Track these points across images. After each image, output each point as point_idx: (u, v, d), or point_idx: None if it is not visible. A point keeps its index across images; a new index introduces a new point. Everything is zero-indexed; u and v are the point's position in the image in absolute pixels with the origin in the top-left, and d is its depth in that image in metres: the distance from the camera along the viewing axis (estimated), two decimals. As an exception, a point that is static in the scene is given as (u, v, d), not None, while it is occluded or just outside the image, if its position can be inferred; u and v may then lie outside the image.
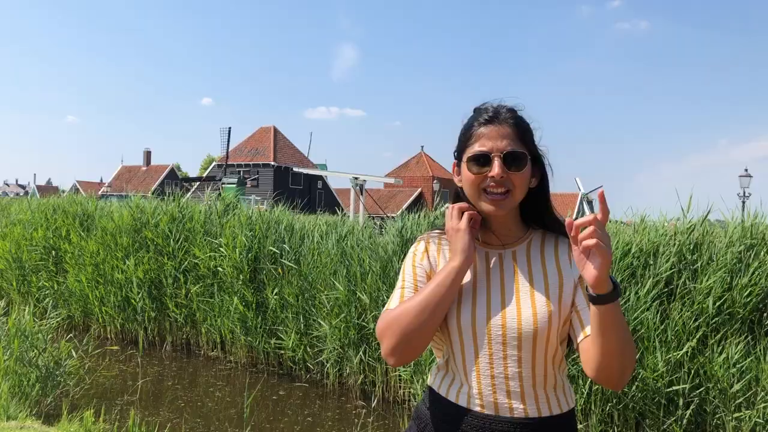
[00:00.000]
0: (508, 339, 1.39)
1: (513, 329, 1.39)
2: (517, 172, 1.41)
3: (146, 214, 9.53)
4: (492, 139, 1.42)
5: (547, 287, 1.43)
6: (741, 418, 4.91)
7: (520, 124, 1.45)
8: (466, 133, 1.48)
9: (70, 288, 9.89)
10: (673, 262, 5.56)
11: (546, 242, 1.51)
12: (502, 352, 1.40)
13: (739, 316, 5.22)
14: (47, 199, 12.09)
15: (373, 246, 7.38)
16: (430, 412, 1.50)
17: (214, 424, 6.10)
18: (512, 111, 1.46)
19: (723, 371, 4.98)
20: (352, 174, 20.60)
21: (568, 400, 1.46)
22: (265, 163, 41.76)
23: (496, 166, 1.39)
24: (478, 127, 1.45)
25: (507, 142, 1.41)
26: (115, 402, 6.55)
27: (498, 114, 1.44)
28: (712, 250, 5.58)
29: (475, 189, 1.44)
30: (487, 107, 1.47)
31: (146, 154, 55.21)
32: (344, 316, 6.99)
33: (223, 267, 8.25)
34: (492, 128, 1.43)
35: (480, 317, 1.42)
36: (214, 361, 8.45)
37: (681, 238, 5.71)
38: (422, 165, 47.26)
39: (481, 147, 1.42)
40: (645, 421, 5.28)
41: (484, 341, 1.41)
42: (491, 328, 1.40)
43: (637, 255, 5.70)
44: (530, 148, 1.45)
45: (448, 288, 1.39)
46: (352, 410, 6.75)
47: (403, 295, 1.48)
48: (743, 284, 5.21)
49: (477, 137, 1.44)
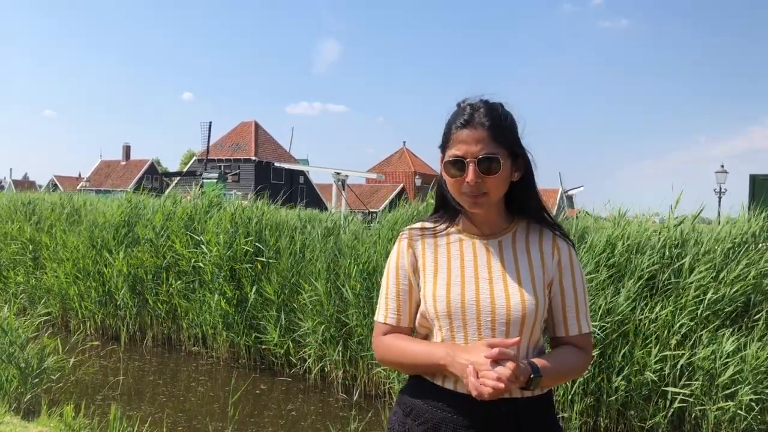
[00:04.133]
0: (497, 324, 1.44)
1: (502, 315, 1.44)
2: (492, 175, 1.43)
3: (140, 210, 9.46)
4: (467, 143, 1.43)
5: (532, 276, 1.49)
6: (724, 409, 5.02)
7: (496, 124, 1.45)
8: (447, 134, 1.50)
9: (48, 284, 9.78)
10: (657, 258, 5.66)
11: (531, 233, 1.55)
12: (491, 336, 1.44)
13: (725, 311, 5.33)
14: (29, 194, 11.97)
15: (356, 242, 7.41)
16: (416, 397, 1.53)
17: (196, 419, 6.08)
18: (489, 111, 1.46)
19: (708, 364, 5.08)
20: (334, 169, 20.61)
21: None
22: (246, 158, 41.53)
23: (470, 172, 1.42)
24: (456, 130, 1.47)
25: (481, 146, 1.42)
26: (96, 397, 6.50)
27: (473, 117, 1.45)
28: (700, 246, 5.68)
29: (455, 190, 1.48)
30: (465, 107, 1.48)
31: (125, 149, 54.58)
32: (325, 313, 7.01)
33: (204, 263, 8.21)
34: (467, 133, 1.44)
35: (470, 304, 1.46)
36: (195, 356, 8.41)
37: (667, 233, 5.81)
38: (404, 160, 47.34)
39: (456, 152, 1.45)
40: (629, 412, 5.37)
41: (473, 326, 1.45)
42: (481, 313, 1.45)
43: (621, 251, 5.79)
44: (508, 145, 1.46)
45: (425, 366, 1.49)
46: (335, 404, 6.78)
47: (387, 305, 1.57)
48: (731, 279, 5.32)
49: (454, 141, 1.46)
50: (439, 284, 1.50)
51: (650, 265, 5.60)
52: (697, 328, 5.30)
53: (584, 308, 1.55)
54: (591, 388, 5.41)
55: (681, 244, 5.77)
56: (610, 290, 5.55)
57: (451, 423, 1.45)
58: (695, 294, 5.34)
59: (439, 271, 1.51)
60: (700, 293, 5.34)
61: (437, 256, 1.54)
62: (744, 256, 5.48)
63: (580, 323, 1.53)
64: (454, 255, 1.53)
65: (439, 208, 1.61)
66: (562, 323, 1.53)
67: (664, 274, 5.59)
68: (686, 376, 5.19)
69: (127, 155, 54.53)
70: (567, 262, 1.53)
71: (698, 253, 5.60)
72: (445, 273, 1.51)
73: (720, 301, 5.32)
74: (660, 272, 5.62)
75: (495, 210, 1.53)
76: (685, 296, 5.37)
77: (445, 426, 1.45)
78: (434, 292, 1.49)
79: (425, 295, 1.51)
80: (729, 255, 5.58)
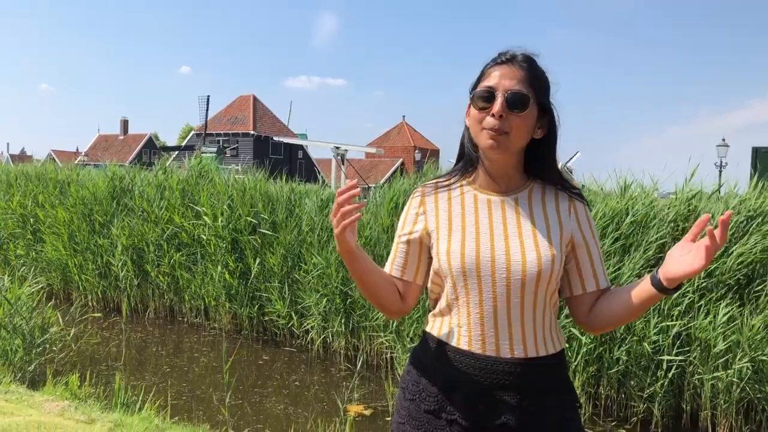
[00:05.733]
0: (512, 282, 1.42)
1: (517, 272, 1.42)
2: (518, 114, 1.40)
3: (126, 182, 9.43)
4: (501, 77, 1.42)
5: (549, 233, 1.46)
6: (719, 378, 5.06)
7: (533, 70, 1.44)
8: (481, 74, 1.48)
9: (48, 256, 9.79)
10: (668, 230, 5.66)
11: (547, 193, 1.53)
12: (506, 294, 1.42)
13: (727, 283, 5.34)
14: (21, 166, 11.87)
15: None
16: (430, 357, 1.52)
17: (199, 389, 6.12)
18: (529, 59, 1.46)
19: (706, 334, 5.11)
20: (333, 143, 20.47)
21: (561, 341, 1.52)
22: (244, 132, 41.35)
23: (498, 104, 1.39)
24: (493, 66, 1.45)
25: (514, 82, 1.41)
26: (100, 368, 6.53)
27: (513, 58, 1.44)
28: (712, 222, 5.69)
29: (477, 125, 1.44)
30: (506, 51, 1.47)
31: (123, 123, 54.24)
32: (331, 285, 7.03)
33: (205, 235, 8.20)
34: (504, 68, 1.43)
35: (485, 260, 1.43)
36: (197, 328, 8.45)
37: (678, 206, 5.80)
38: (403, 135, 47.15)
39: (488, 83, 1.43)
40: (629, 382, 5.41)
41: (488, 283, 1.43)
42: (496, 270, 1.42)
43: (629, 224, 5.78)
44: (539, 95, 1.44)
45: (351, 269, 1.49)
46: (337, 374, 6.82)
47: (394, 259, 1.59)
48: (738, 253, 5.32)
49: (488, 75, 1.45)
50: (453, 241, 1.47)
51: (658, 238, 5.60)
52: (698, 300, 5.32)
53: (600, 264, 1.53)
54: (593, 358, 5.44)
55: (687, 217, 5.76)
56: (614, 260, 5.55)
57: (466, 383, 1.44)
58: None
59: (453, 228, 1.49)
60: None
61: (451, 212, 1.52)
62: (756, 231, 5.47)
63: (598, 278, 1.51)
64: (468, 211, 1.50)
65: (459, 161, 1.58)
66: (579, 281, 1.51)
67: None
68: (684, 346, 5.23)
69: (125, 129, 54.22)
70: (585, 219, 1.51)
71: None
72: (460, 229, 1.48)
73: (725, 273, 5.33)
74: (669, 245, 5.62)
75: (512, 165, 1.50)
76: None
77: (460, 386, 1.45)
78: (448, 248, 1.47)
79: (438, 252, 1.49)
80: (740, 228, 5.57)
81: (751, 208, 5.63)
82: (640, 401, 5.37)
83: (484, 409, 1.42)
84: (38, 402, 4.35)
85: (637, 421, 5.40)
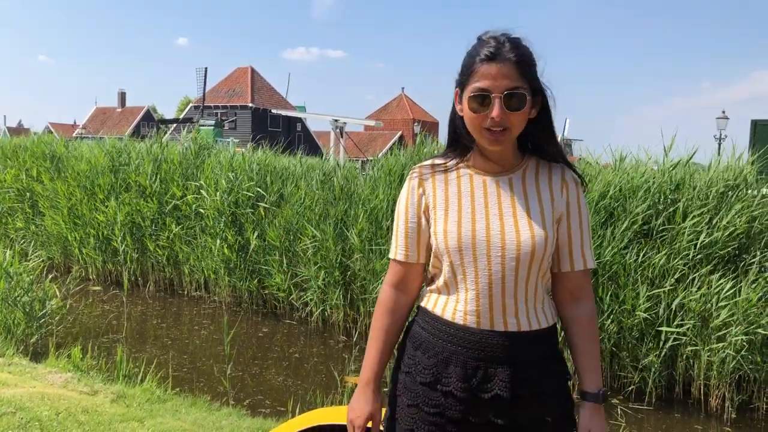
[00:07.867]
0: (506, 260, 1.46)
1: (512, 250, 1.46)
2: (516, 111, 1.42)
3: (124, 155, 9.41)
4: (493, 78, 1.41)
5: (542, 212, 1.50)
6: (715, 350, 5.13)
7: (522, 60, 1.43)
8: (469, 67, 1.46)
9: (48, 230, 9.81)
10: (652, 202, 5.67)
11: (540, 170, 1.55)
12: (501, 271, 1.46)
13: (717, 255, 5.38)
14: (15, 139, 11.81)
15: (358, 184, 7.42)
16: (426, 331, 1.56)
17: (200, 360, 6.20)
18: (515, 45, 1.43)
19: (700, 306, 5.17)
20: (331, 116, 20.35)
21: (553, 315, 1.57)
22: (242, 104, 41.05)
23: (496, 107, 1.40)
24: (480, 63, 1.43)
25: (507, 81, 1.41)
26: (101, 340, 6.61)
27: (499, 50, 1.42)
28: (694, 190, 5.69)
29: (476, 126, 1.46)
30: (488, 40, 1.45)
31: (121, 96, 53.82)
32: (330, 257, 7.07)
33: (204, 209, 8.22)
34: (493, 66, 1.41)
35: (480, 239, 1.47)
36: (197, 301, 8.52)
37: (661, 177, 5.81)
38: (403, 107, 46.86)
39: (482, 85, 1.42)
40: (621, 353, 5.48)
41: (483, 261, 1.47)
42: (491, 249, 1.47)
43: (615, 196, 5.80)
44: (531, 82, 1.45)
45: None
46: (335, 345, 6.91)
47: (398, 243, 1.60)
48: (723, 225, 5.34)
49: (478, 74, 1.43)
50: (449, 220, 1.51)
51: (644, 210, 5.62)
52: (690, 273, 5.37)
53: (589, 244, 1.58)
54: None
55: (675, 188, 5.77)
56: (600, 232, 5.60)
57: (461, 356, 1.48)
58: (689, 238, 5.38)
59: (450, 208, 1.52)
60: (693, 237, 5.39)
61: (448, 192, 1.55)
62: (738, 201, 5.49)
63: (585, 258, 1.56)
64: (464, 191, 1.53)
65: (451, 143, 1.59)
66: (567, 258, 1.56)
67: (658, 219, 5.61)
68: (679, 317, 5.29)
69: (122, 102, 53.82)
70: (575, 198, 1.54)
71: (692, 198, 5.61)
72: (456, 209, 1.52)
73: (714, 245, 5.37)
74: (654, 217, 5.64)
75: (509, 146, 1.52)
76: (679, 240, 5.41)
77: (454, 359, 1.49)
78: (445, 227, 1.51)
79: (436, 232, 1.52)
80: (723, 199, 5.59)
81: (730, 177, 5.65)
82: (635, 372, 5.45)
83: (477, 381, 1.46)
84: (41, 374, 4.41)
85: (632, 391, 5.48)
